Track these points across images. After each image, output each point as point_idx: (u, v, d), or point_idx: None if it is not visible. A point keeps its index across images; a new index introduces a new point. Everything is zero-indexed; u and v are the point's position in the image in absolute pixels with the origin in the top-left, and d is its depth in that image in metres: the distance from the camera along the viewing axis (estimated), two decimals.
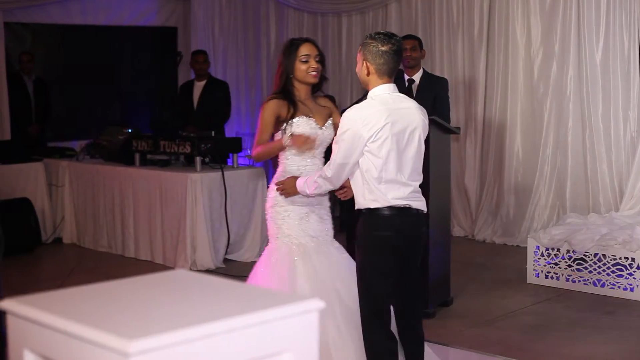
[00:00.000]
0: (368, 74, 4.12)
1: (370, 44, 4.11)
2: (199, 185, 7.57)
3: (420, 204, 4.17)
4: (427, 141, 4.28)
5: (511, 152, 8.74)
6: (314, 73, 4.42)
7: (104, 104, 11.29)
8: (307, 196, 4.42)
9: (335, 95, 10.09)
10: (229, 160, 8.34)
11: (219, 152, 7.93)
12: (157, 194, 7.89)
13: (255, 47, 11.45)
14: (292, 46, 4.47)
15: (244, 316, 1.84)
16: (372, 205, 4.06)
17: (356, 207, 4.15)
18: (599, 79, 8.12)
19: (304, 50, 4.43)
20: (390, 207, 4.06)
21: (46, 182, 8.99)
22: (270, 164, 11.27)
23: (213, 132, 8.11)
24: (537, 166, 8.56)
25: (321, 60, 4.52)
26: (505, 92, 8.78)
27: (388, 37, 4.13)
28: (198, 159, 7.76)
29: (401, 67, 7.24)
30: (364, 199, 4.09)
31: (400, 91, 4.27)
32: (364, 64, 4.12)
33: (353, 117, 4.02)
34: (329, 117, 4.62)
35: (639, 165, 7.85)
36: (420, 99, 6.97)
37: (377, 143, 3.98)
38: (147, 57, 11.76)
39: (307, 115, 4.45)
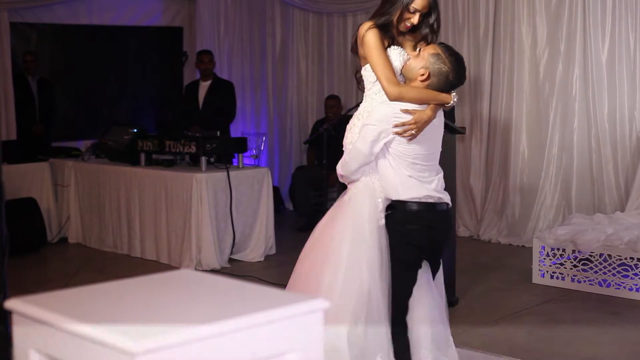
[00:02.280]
0: (423, 79, 4.09)
1: (445, 63, 4.08)
2: (204, 185, 7.57)
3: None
4: None
5: (517, 152, 8.73)
6: (408, 25, 4.28)
7: (109, 104, 11.29)
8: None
9: (340, 95, 10.10)
10: (234, 160, 8.34)
11: (224, 152, 7.92)
12: (163, 194, 7.89)
13: (260, 47, 11.45)
14: None
15: (249, 316, 1.84)
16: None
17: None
18: (604, 79, 8.11)
19: (418, 3, 4.17)
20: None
21: (52, 182, 9.00)
22: (276, 162, 11.27)
23: (218, 132, 8.10)
24: (543, 166, 8.55)
25: (426, 14, 4.25)
26: (511, 92, 8.77)
27: (463, 73, 4.15)
28: (203, 159, 7.76)
29: None
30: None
31: None
32: (425, 71, 4.08)
33: (385, 110, 4.06)
34: (415, 47, 4.33)
35: None
36: None
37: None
38: (153, 57, 11.76)
39: (397, 47, 4.26)
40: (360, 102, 4.37)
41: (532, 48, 8.62)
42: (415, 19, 4.22)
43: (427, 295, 4.24)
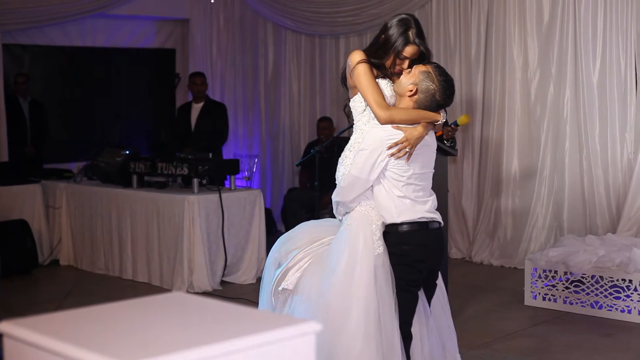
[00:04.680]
0: (411, 95, 4.13)
1: (434, 81, 4.11)
2: (196, 207, 7.57)
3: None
4: None
5: (508, 173, 8.75)
6: (398, 69, 4.32)
7: (101, 126, 11.30)
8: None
9: (332, 117, 10.11)
10: (227, 182, 8.34)
11: (217, 173, 7.92)
12: (155, 215, 7.88)
13: (253, 69, 11.48)
14: (403, 36, 4.21)
15: (241, 339, 1.84)
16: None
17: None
18: (595, 101, 8.14)
19: (408, 51, 4.23)
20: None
21: (43, 204, 8.96)
22: (268, 184, 11.27)
23: (210, 154, 8.11)
24: (535, 188, 8.57)
25: (414, 60, 4.30)
26: (502, 114, 8.80)
27: (450, 94, 4.17)
28: (195, 181, 7.76)
29: None
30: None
31: None
32: (414, 87, 4.11)
33: (378, 134, 4.07)
34: None
35: (636, 187, 7.86)
36: None
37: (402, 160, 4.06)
38: (145, 79, 11.78)
39: (385, 78, 4.30)
40: (353, 124, 4.38)
41: (524, 70, 8.66)
42: (405, 65, 4.27)
43: (422, 324, 4.24)
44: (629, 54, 7.97)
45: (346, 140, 4.40)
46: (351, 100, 4.31)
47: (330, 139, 8.01)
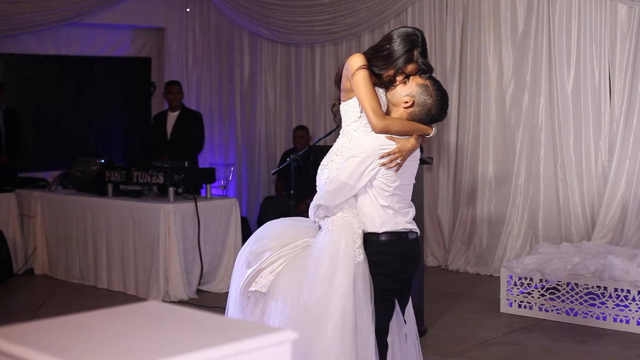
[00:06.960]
0: (407, 107, 4.12)
1: (431, 96, 4.12)
2: (172, 216, 7.55)
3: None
4: None
5: (484, 182, 8.79)
6: (395, 83, 4.30)
7: (77, 135, 11.25)
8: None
9: (308, 126, 10.12)
10: (202, 191, 8.32)
11: (192, 182, 7.91)
12: (130, 224, 7.85)
13: (228, 78, 11.47)
14: (407, 55, 4.15)
15: (216, 348, 1.84)
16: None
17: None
18: (570, 109, 8.20)
19: (409, 69, 4.18)
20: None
21: (18, 213, 8.91)
22: (244, 193, 11.26)
23: (186, 163, 8.09)
24: (510, 196, 8.61)
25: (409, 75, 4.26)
26: (478, 123, 8.84)
27: (445, 109, 4.22)
28: (171, 190, 7.74)
29: None
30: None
31: None
32: (410, 99, 4.11)
33: (371, 142, 4.05)
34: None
35: (611, 195, 7.91)
36: None
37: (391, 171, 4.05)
38: (121, 88, 11.75)
39: (382, 87, 4.24)
40: (329, 132, 4.37)
41: (499, 78, 8.70)
42: (401, 79, 4.23)
43: (395, 332, 4.23)
44: (603, 63, 8.03)
45: (322, 148, 4.38)
46: (344, 103, 4.25)
47: (306, 148, 7.99)
